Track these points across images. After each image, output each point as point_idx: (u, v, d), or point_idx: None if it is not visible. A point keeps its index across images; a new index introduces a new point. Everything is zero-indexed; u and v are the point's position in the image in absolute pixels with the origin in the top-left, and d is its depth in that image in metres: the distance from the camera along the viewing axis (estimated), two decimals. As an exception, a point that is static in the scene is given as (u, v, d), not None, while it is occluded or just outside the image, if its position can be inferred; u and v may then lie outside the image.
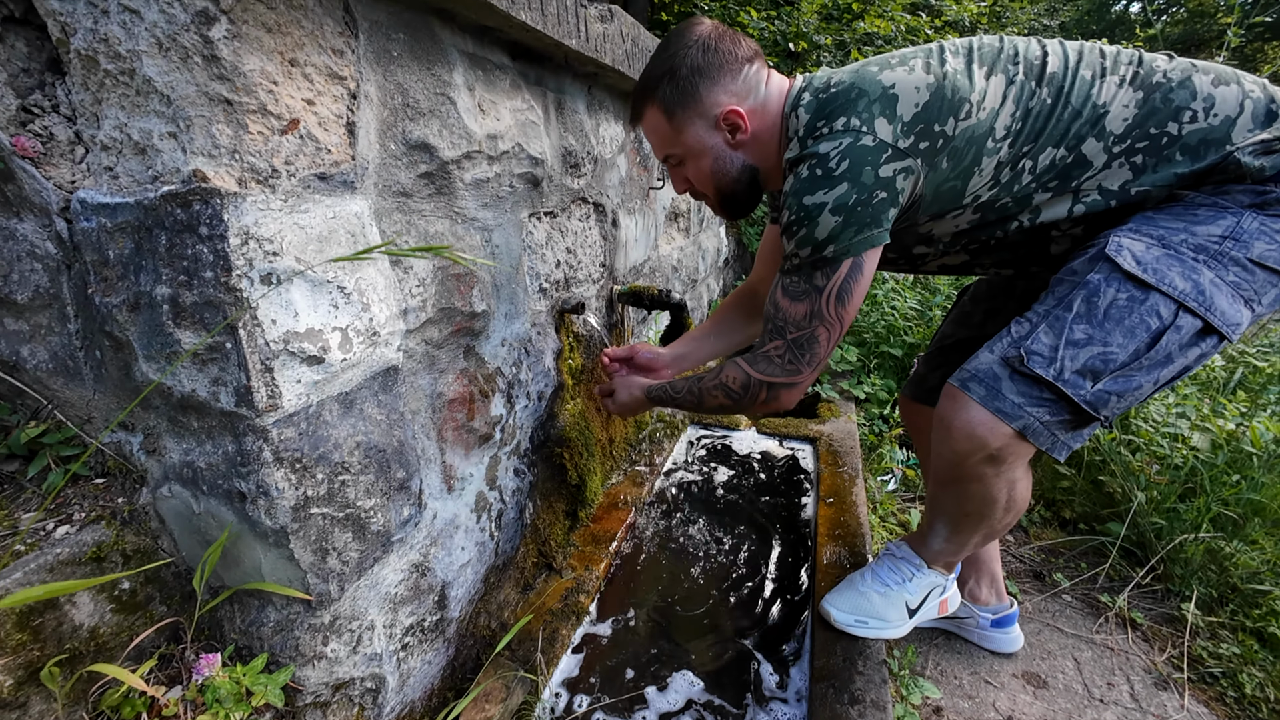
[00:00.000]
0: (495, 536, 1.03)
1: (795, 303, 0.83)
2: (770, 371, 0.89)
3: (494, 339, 0.99)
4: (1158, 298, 0.72)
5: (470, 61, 0.83)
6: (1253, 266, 0.72)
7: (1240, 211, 0.72)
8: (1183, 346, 0.73)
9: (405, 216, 0.76)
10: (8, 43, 0.59)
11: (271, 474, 0.60)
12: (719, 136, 0.87)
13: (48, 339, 0.64)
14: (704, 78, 0.84)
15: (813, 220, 0.76)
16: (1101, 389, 0.73)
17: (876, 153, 0.73)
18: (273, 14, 0.55)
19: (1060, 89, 0.75)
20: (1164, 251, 0.72)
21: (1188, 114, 0.73)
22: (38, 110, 0.60)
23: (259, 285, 0.56)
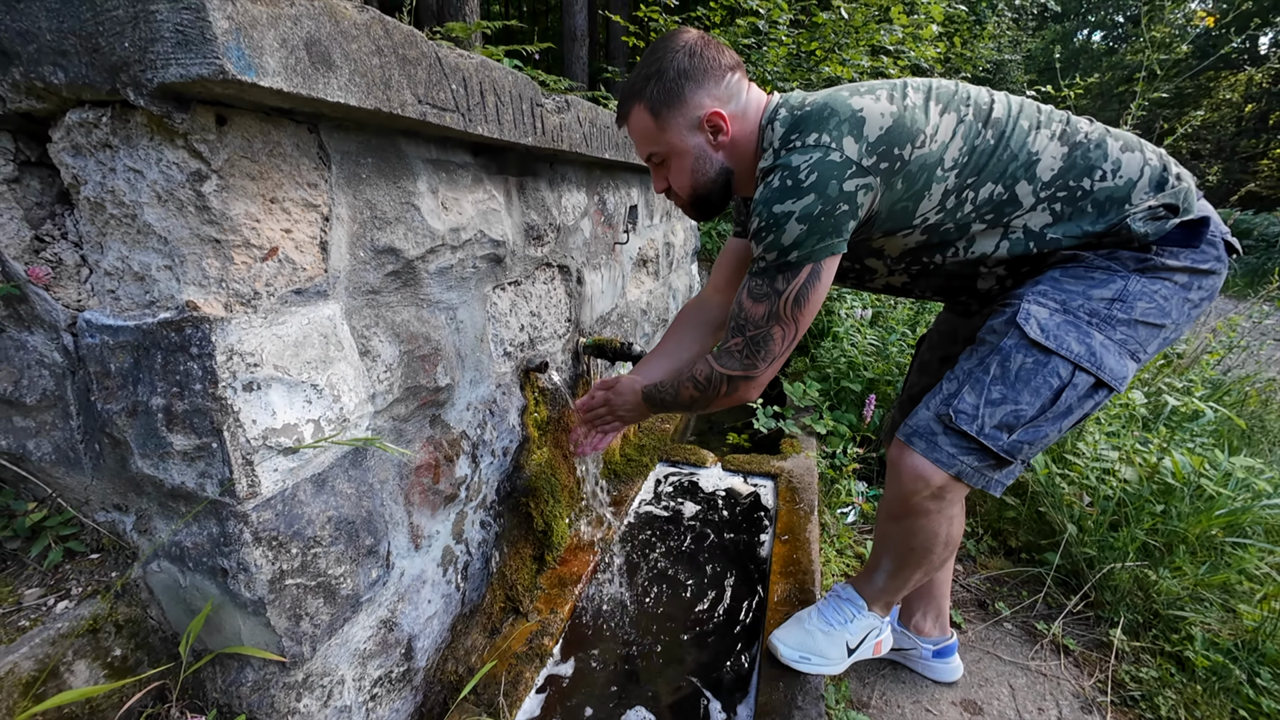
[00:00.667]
0: (461, 587, 1.12)
1: (757, 304, 0.91)
2: (730, 366, 0.97)
3: (459, 405, 1.08)
4: (1058, 361, 0.85)
5: (433, 167, 0.94)
6: (1136, 324, 0.86)
7: (1127, 275, 0.85)
8: (1080, 399, 0.87)
9: (374, 311, 0.86)
10: (24, 182, 0.68)
11: (251, 552, 0.68)
12: (701, 137, 0.94)
13: (51, 434, 0.72)
14: (690, 80, 0.91)
15: (780, 227, 0.83)
16: (1015, 439, 0.87)
17: (842, 168, 0.81)
18: (255, 165, 0.65)
19: (1002, 133, 0.86)
20: (1064, 318, 0.86)
21: (1099, 173, 0.86)
22: (48, 238, 0.69)
23: (242, 393, 0.65)
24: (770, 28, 3.62)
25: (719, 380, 1.00)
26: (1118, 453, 1.81)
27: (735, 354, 0.96)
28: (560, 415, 1.52)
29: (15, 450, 0.74)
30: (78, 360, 0.68)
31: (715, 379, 1.00)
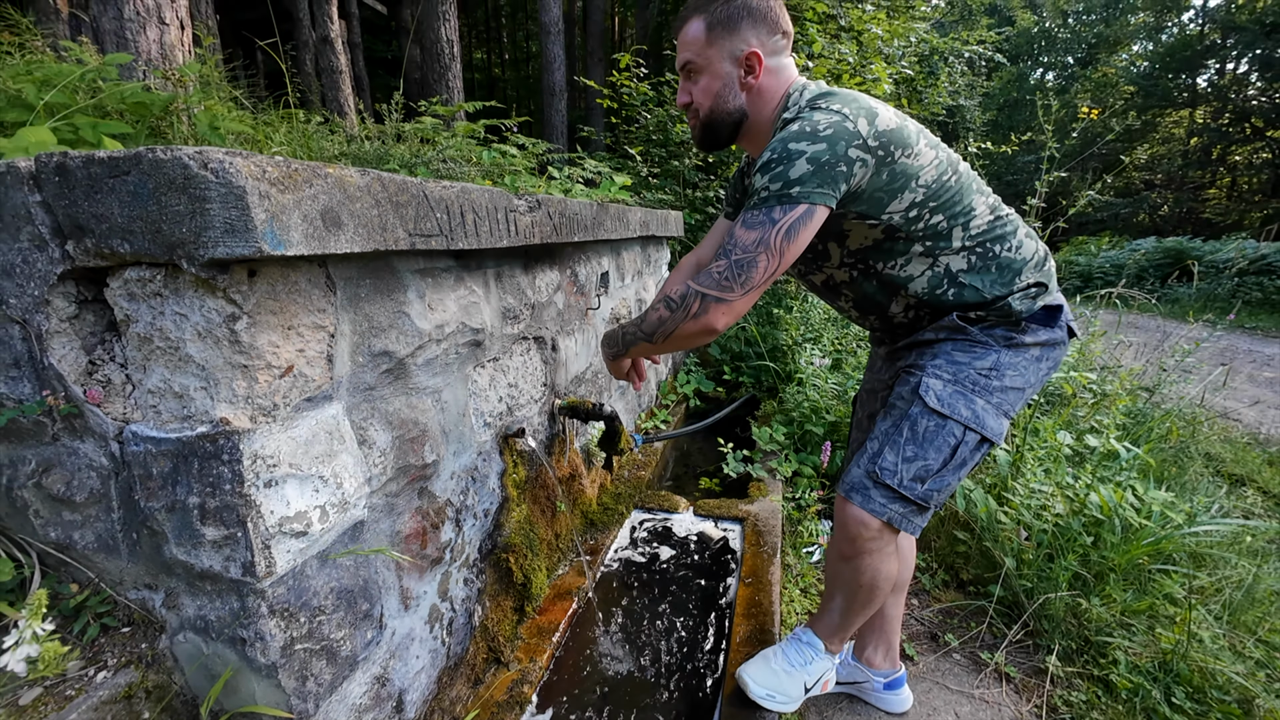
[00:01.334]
0: (446, 641, 1.23)
1: (749, 230, 0.95)
2: (706, 284, 0.97)
3: (444, 475, 1.22)
4: (953, 424, 1.05)
5: (421, 275, 1.10)
6: (1007, 389, 1.07)
7: (999, 350, 1.06)
8: (971, 453, 1.07)
9: (370, 404, 1.00)
10: (82, 317, 0.83)
11: (266, 623, 0.81)
12: (736, 70, 1.05)
13: (94, 525, 0.85)
14: (748, 17, 1.02)
15: (790, 161, 0.91)
16: (927, 489, 1.06)
17: (852, 136, 0.92)
18: (277, 303, 0.81)
19: (961, 182, 1.04)
20: (955, 388, 1.05)
21: (1008, 244, 1.07)
22: (99, 361, 0.84)
23: (263, 489, 0.79)
24: None
25: (692, 297, 0.98)
26: (1050, 489, 1.99)
27: (715, 274, 0.96)
28: (538, 474, 1.65)
29: (63, 540, 0.86)
30: (122, 464, 0.82)
31: (689, 295, 0.98)
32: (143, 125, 1.72)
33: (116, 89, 1.66)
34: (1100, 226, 18.95)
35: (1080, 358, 2.87)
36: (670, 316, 1.01)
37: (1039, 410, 2.45)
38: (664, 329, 1.03)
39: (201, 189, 0.66)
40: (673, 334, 1.02)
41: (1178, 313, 10.68)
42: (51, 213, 0.74)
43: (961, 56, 7.94)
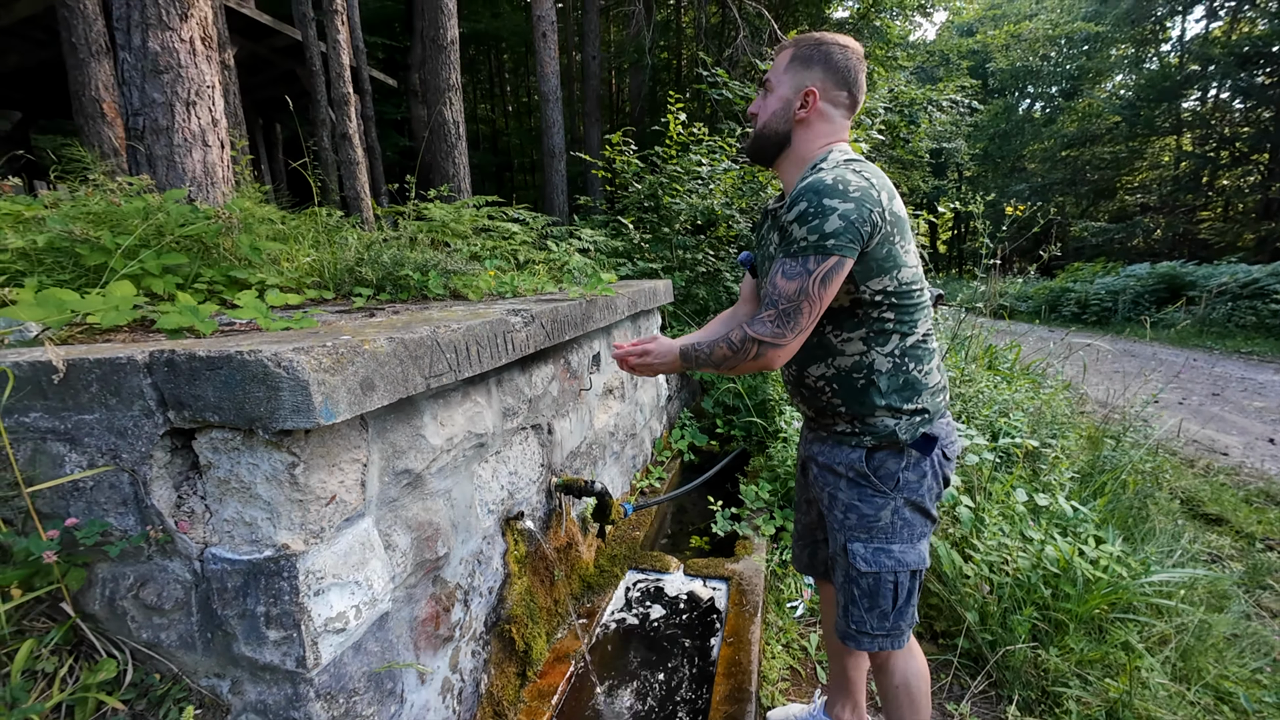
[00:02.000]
0: (457, 710, 1.42)
1: (789, 281, 1.08)
2: (761, 332, 1.12)
3: (454, 563, 1.43)
4: (884, 575, 1.24)
5: (433, 399, 1.34)
6: (911, 521, 1.25)
7: (894, 497, 1.23)
8: (910, 583, 1.27)
9: (394, 513, 1.23)
10: (174, 462, 1.06)
11: (313, 705, 1.01)
12: (795, 100, 1.20)
13: (178, 627, 1.07)
14: (823, 63, 1.18)
15: (825, 216, 1.04)
16: (892, 624, 1.27)
17: (875, 204, 1.06)
18: (325, 449, 1.04)
19: (919, 299, 1.19)
20: (874, 545, 1.25)
21: (922, 367, 1.22)
22: (185, 495, 1.07)
23: (313, 598, 1.01)
24: (713, 171, 4.26)
25: (750, 343, 1.14)
26: (1011, 544, 2.15)
27: (768, 322, 1.11)
28: (537, 548, 1.86)
29: (152, 640, 1.08)
30: (202, 578, 1.04)
31: (748, 341, 1.14)
32: (195, 251, 2.00)
33: (174, 221, 1.95)
34: (1096, 252, 19.21)
35: (1041, 412, 3.06)
36: (732, 356, 1.18)
37: (997, 470, 2.62)
38: (728, 364, 1.20)
39: (276, 381, 0.90)
40: (735, 368, 1.21)
41: (1174, 339, 10.83)
42: (159, 390, 0.99)
43: (939, 106, 8.36)
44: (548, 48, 7.38)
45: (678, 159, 4.60)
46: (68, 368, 1.01)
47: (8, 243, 1.64)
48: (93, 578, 1.09)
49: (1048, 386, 3.71)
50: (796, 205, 1.09)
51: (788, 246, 1.10)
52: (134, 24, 2.45)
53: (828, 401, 1.27)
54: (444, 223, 3.04)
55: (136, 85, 2.49)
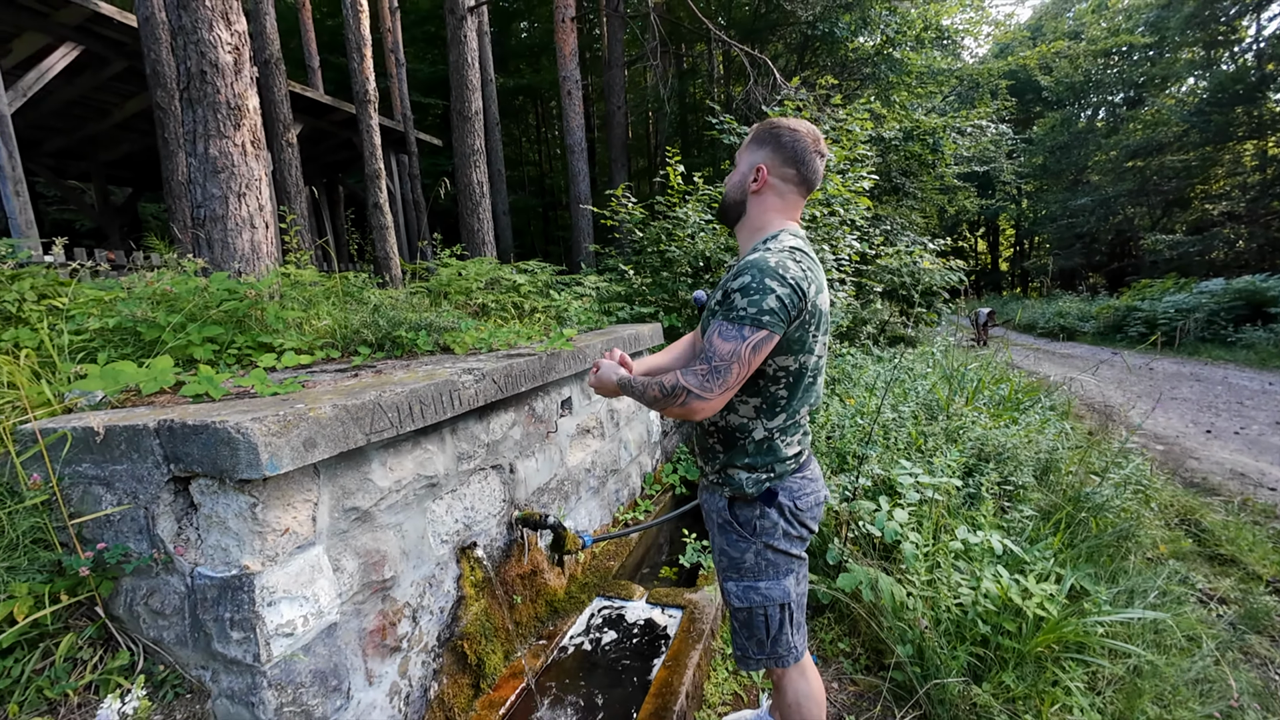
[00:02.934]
0: (404, 710, 1.69)
1: (725, 342, 1.20)
2: (691, 383, 1.22)
3: (404, 584, 1.72)
4: (755, 610, 1.43)
5: (383, 448, 1.66)
6: (773, 561, 1.42)
7: (754, 541, 1.41)
8: (779, 615, 1.43)
9: (343, 542, 1.53)
10: (176, 502, 1.42)
11: (266, 693, 1.31)
12: (749, 175, 1.37)
13: (175, 628, 1.40)
14: (773, 144, 1.34)
15: (765, 294, 1.18)
16: (771, 651, 1.46)
17: (804, 293, 1.22)
18: (280, 492, 1.36)
19: (811, 389, 1.38)
20: (743, 583, 1.43)
21: (787, 439, 1.37)
22: (184, 526, 1.42)
23: (267, 607, 1.32)
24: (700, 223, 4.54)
25: (680, 390, 1.23)
26: (955, 578, 2.23)
27: (698, 374, 1.22)
28: (495, 573, 2.12)
29: (157, 638, 1.42)
30: (192, 590, 1.38)
31: (678, 389, 1.24)
32: (231, 321, 2.45)
33: (215, 299, 2.40)
34: (1169, 266, 17.92)
35: (1037, 445, 3.06)
36: (662, 399, 1.28)
37: (968, 507, 2.68)
38: (657, 405, 1.30)
39: (235, 443, 1.23)
40: (664, 410, 1.30)
41: (1253, 360, 9.95)
42: (164, 449, 1.34)
43: (962, 131, 8.33)
44: (573, 104, 7.97)
45: (676, 207, 4.91)
46: (106, 431, 1.39)
47: (89, 325, 2.13)
48: (118, 588, 1.46)
49: (1052, 419, 3.67)
50: (742, 276, 1.23)
51: (728, 311, 1.22)
52: (199, 135, 3.03)
53: (710, 447, 1.47)
54: (449, 280, 3.45)
55: (200, 183, 3.05)
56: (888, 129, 8.12)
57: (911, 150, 8.39)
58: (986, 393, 3.99)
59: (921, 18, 8.15)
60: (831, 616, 2.52)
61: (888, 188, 9.40)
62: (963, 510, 2.70)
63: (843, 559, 2.48)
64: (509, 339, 2.75)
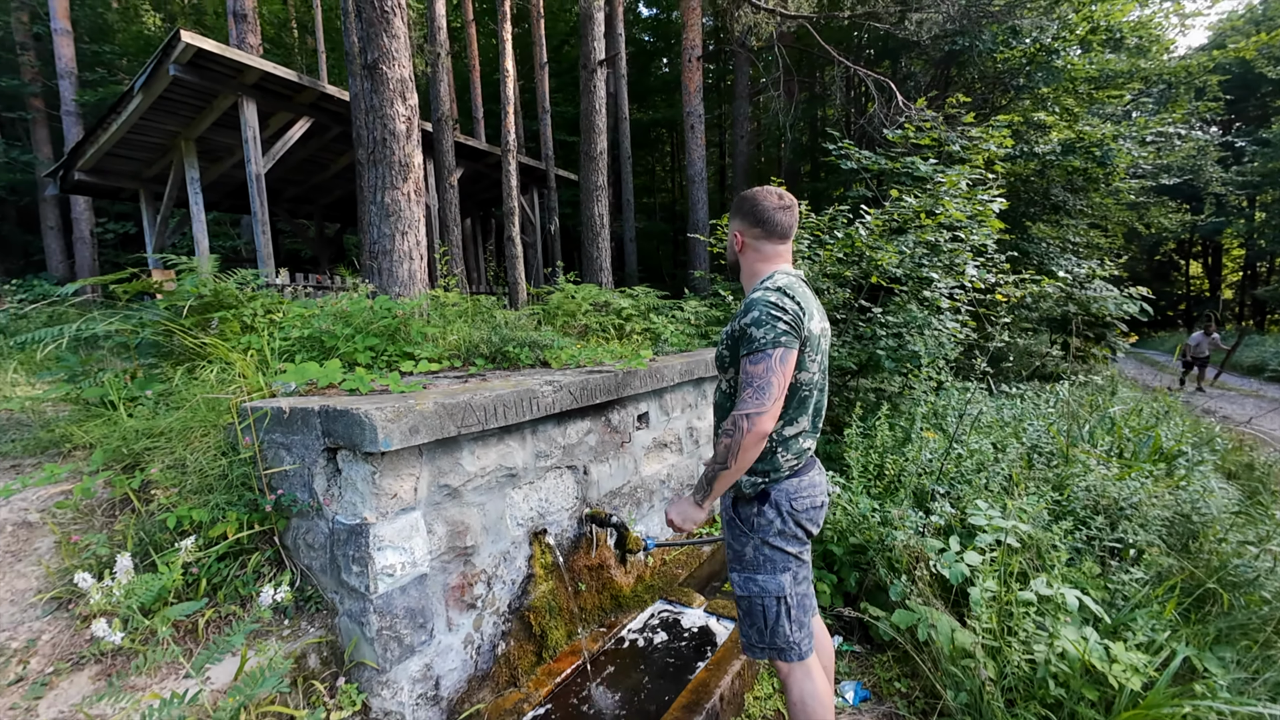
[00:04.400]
0: (475, 659, 2.05)
1: (757, 365, 1.41)
2: (745, 409, 1.40)
3: (483, 554, 2.10)
4: (754, 598, 1.59)
5: (473, 439, 2.06)
6: (770, 557, 1.57)
7: (752, 536, 1.57)
8: (779, 607, 1.58)
9: (436, 511, 1.95)
10: (327, 467, 1.93)
11: (371, 616, 1.74)
12: (734, 237, 1.65)
13: (320, 559, 1.91)
14: (739, 214, 1.62)
15: (775, 322, 1.41)
16: (769, 640, 1.59)
17: (797, 319, 1.44)
18: (393, 464, 1.80)
19: (809, 398, 1.57)
20: (744, 574, 1.60)
21: (788, 448, 1.55)
22: (330, 484, 1.92)
23: (376, 551, 1.75)
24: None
25: (741, 419, 1.40)
26: (1030, 631, 2.08)
27: (747, 400, 1.41)
28: (565, 559, 2.44)
29: (308, 565, 1.93)
30: (332, 533, 1.87)
31: (738, 420, 1.41)
32: (386, 334, 3.09)
33: (376, 317, 3.06)
34: None
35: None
36: (732, 440, 1.42)
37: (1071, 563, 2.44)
38: (732, 450, 1.43)
39: (363, 425, 1.69)
40: (740, 448, 1.42)
41: None
42: (322, 426, 1.86)
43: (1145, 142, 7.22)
44: (695, 137, 8.37)
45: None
46: (290, 411, 1.94)
47: (293, 334, 2.87)
48: (289, 525, 2.01)
49: (1204, 474, 3.14)
50: (751, 312, 1.46)
51: (750, 345, 1.44)
52: (377, 187, 3.86)
53: None
54: (558, 304, 3.93)
55: (376, 224, 3.88)
56: (1043, 143, 7.37)
57: (1072, 165, 7.50)
58: (1119, 438, 3.50)
59: (1086, 19, 7.27)
60: (891, 655, 2.45)
61: (1046, 205, 8.44)
62: (1058, 563, 2.46)
63: (905, 596, 2.41)
64: (595, 357, 3.10)
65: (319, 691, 1.71)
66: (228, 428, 2.15)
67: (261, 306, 3.21)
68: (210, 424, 2.19)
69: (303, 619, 1.86)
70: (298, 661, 1.74)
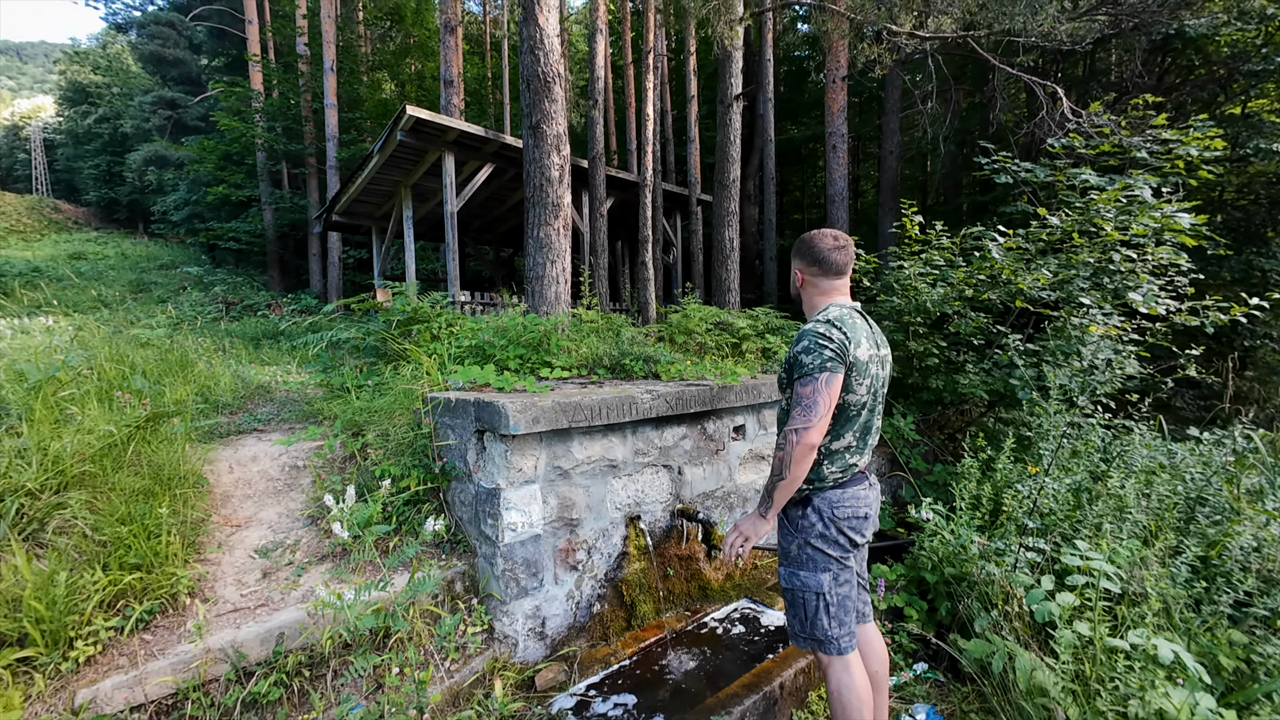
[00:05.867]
0: (574, 612, 2.53)
1: (805, 387, 1.63)
2: (794, 425, 1.62)
3: (586, 527, 2.58)
4: (796, 592, 1.82)
5: (581, 433, 2.56)
6: (809, 557, 1.79)
7: (797, 536, 1.80)
8: (818, 601, 1.79)
9: (550, 487, 2.47)
10: (478, 443, 2.56)
11: (498, 559, 2.30)
12: (795, 274, 1.88)
13: (468, 513, 2.54)
14: (798, 254, 1.84)
15: (821, 350, 1.64)
16: (809, 632, 1.81)
17: (845, 350, 1.65)
18: (520, 445, 2.36)
19: (854, 417, 1.79)
20: (788, 569, 1.83)
21: (834, 461, 1.77)
22: (478, 455, 2.55)
23: (504, 510, 2.31)
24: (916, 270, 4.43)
25: (790, 433, 1.62)
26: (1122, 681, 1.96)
27: (796, 417, 1.63)
28: (656, 545, 2.83)
29: (460, 516, 2.58)
30: (476, 493, 2.48)
31: (788, 435, 1.63)
32: (531, 345, 3.79)
33: (526, 332, 3.77)
34: None
35: None
36: (784, 453, 1.66)
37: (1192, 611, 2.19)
38: (785, 462, 1.66)
39: (501, 413, 2.27)
40: (792, 460, 1.64)
41: None
42: (475, 412, 2.49)
43: None
44: (836, 157, 8.32)
45: (905, 259, 4.90)
46: (456, 401, 2.63)
47: (463, 343, 3.68)
48: (450, 486, 2.69)
49: None
50: (802, 342, 1.70)
51: (800, 370, 1.67)
52: (535, 224, 4.67)
53: None
54: (677, 323, 4.37)
55: (532, 254, 4.69)
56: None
57: None
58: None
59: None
60: (973, 689, 2.41)
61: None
62: (1190, 622, 2.21)
63: (993, 629, 2.37)
64: (699, 372, 3.46)
65: (460, 607, 2.32)
66: (415, 410, 2.93)
67: (445, 321, 4.13)
68: (405, 407, 2.99)
69: (454, 555, 2.50)
70: (448, 584, 2.36)
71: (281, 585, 2.21)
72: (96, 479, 2.15)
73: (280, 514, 2.63)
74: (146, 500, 2.15)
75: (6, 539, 1.83)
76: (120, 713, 1.65)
